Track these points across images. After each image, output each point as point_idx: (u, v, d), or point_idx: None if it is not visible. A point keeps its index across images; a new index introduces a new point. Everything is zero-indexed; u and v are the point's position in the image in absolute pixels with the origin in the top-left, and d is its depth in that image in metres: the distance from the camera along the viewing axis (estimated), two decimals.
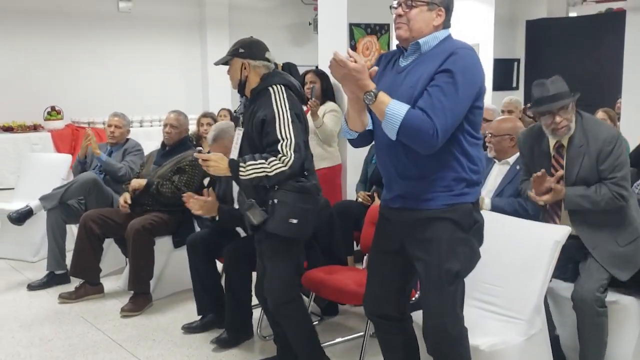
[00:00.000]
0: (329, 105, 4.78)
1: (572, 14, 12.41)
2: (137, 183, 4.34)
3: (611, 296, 3.07)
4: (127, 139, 5.26)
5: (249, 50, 3.18)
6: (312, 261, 3.77)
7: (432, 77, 2.27)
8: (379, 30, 5.09)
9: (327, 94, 4.84)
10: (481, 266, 2.93)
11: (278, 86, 3.05)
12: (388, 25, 5.11)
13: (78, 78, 9.88)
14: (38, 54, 9.65)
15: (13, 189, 6.42)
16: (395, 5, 2.42)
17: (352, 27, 5.03)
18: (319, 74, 4.90)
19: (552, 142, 3.17)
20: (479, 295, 2.92)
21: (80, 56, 9.88)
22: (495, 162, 3.79)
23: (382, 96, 2.22)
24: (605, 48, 9.85)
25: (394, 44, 5.68)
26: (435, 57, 2.31)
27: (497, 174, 3.75)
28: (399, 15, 2.39)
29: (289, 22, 12.49)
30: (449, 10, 2.42)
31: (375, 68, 2.32)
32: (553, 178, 3.06)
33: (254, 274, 3.66)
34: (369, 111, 2.40)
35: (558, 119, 3.06)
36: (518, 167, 3.62)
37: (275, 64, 11.58)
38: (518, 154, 3.60)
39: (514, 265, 2.86)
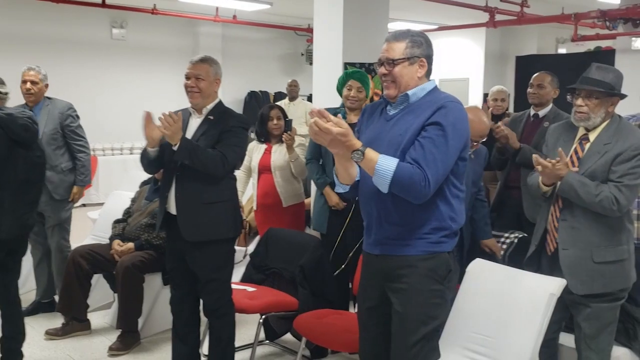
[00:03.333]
0: (295, 138, 4.73)
1: (561, 51, 12.61)
2: (126, 248, 4.24)
3: (614, 351, 3.06)
4: (47, 97, 4.67)
5: None
6: (303, 304, 3.75)
7: (422, 127, 2.32)
8: (373, 69, 5.13)
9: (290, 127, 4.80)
10: (473, 315, 2.95)
11: None
12: None
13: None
14: None
15: None
16: (378, 64, 2.46)
17: (347, 66, 5.07)
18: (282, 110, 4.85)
19: (579, 133, 3.05)
20: (471, 345, 2.90)
21: (73, 83, 9.85)
22: None
23: (370, 153, 2.24)
24: None
25: None
26: (425, 108, 2.37)
27: None
28: (384, 74, 2.43)
29: (281, 53, 12.59)
30: (429, 57, 2.46)
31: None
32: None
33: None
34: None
35: (580, 101, 2.96)
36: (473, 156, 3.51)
37: (267, 93, 11.60)
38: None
39: (508, 316, 2.85)
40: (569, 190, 2.90)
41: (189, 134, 3.37)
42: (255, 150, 4.81)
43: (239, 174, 5.06)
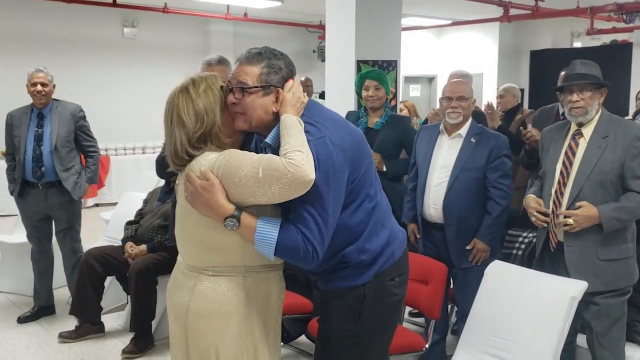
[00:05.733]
0: None
1: (577, 45, 12.46)
2: (139, 250, 4.20)
3: (629, 350, 3.00)
4: (54, 99, 4.62)
5: None
6: (318, 306, 3.69)
7: None
8: (386, 67, 5.06)
9: None
10: (492, 318, 2.89)
11: None
12: (395, 62, 5.08)
13: (81, 103, 9.81)
14: None
15: (15, 215, 6.33)
16: (227, 89, 2.09)
17: (359, 63, 5.00)
18: None
19: (572, 129, 3.05)
20: (491, 349, 2.84)
21: (84, 82, 9.87)
22: (440, 134, 3.60)
23: (246, 218, 1.92)
24: (609, 79, 9.88)
25: (402, 80, 5.64)
26: None
27: (448, 149, 3.55)
28: (233, 103, 2.06)
29: (293, 50, 12.50)
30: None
31: None
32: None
33: None
34: None
35: (575, 97, 2.96)
36: (473, 140, 3.47)
37: None
38: (469, 124, 3.51)
39: (528, 320, 2.77)
40: (615, 223, 2.87)
41: None
42: None
43: None
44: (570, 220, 2.87)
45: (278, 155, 1.92)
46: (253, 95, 2.02)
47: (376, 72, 4.15)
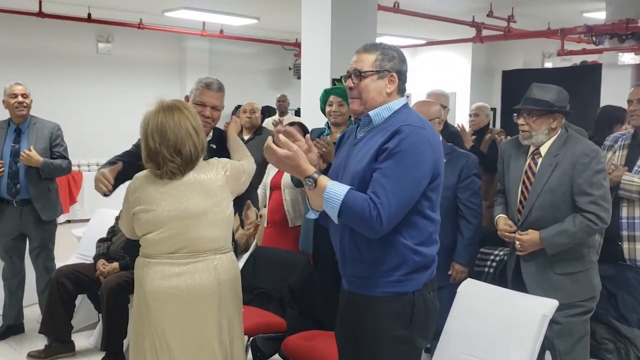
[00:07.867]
0: None
1: (548, 65, 12.68)
2: (111, 268, 4.16)
3: None
4: (33, 117, 4.61)
5: None
6: (291, 324, 3.68)
7: (377, 154, 2.15)
8: None
9: None
10: (465, 337, 2.90)
11: None
12: None
13: (56, 119, 9.68)
14: None
15: None
16: (346, 76, 2.32)
17: (334, 81, 5.03)
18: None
19: (531, 148, 3.11)
20: None
21: (58, 97, 9.76)
22: None
23: (322, 180, 2.11)
24: (579, 99, 10.04)
25: None
26: (386, 132, 2.18)
27: None
28: (350, 88, 2.30)
29: (269, 67, 12.56)
30: (401, 73, 2.29)
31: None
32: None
33: None
34: None
35: (521, 120, 3.03)
36: (444, 160, 3.49)
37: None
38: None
39: (499, 338, 2.80)
40: (557, 246, 2.94)
41: None
42: (272, 167, 4.74)
43: (259, 191, 4.89)
44: (518, 245, 2.98)
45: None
46: (368, 79, 2.25)
47: (341, 88, 4.16)
